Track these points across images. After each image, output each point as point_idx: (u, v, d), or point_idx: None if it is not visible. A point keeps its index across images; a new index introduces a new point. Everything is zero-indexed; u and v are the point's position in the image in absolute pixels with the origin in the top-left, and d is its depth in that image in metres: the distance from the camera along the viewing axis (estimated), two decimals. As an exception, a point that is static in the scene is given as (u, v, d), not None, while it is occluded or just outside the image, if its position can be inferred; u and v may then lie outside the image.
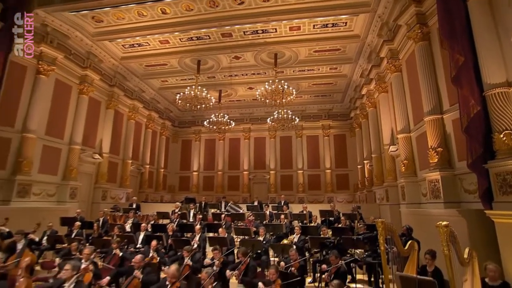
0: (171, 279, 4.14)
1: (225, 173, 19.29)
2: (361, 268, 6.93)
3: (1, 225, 7.42)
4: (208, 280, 4.05)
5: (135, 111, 15.54)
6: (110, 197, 13.43)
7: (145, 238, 7.30)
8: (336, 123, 18.72)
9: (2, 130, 9.53)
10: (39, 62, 10.47)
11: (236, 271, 4.86)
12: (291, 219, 9.22)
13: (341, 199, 17.19)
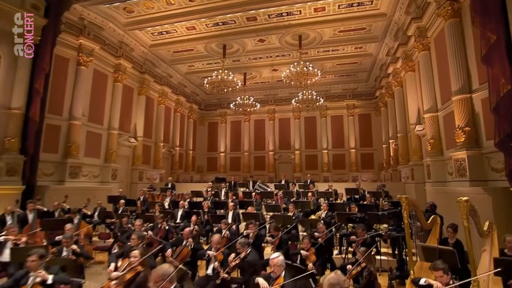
0: (216, 245, 4.78)
1: (251, 154, 19.97)
2: (385, 242, 7.36)
3: (62, 202, 8.45)
4: (243, 249, 4.62)
5: (164, 96, 16.30)
6: (146, 177, 14.52)
7: (184, 214, 8.08)
8: (360, 103, 18.61)
9: (53, 118, 10.53)
10: (79, 54, 11.26)
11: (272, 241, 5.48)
12: (317, 197, 9.71)
13: (366, 178, 17.37)
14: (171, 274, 2.63)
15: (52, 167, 10.48)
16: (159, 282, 2.54)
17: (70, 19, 10.91)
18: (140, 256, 3.58)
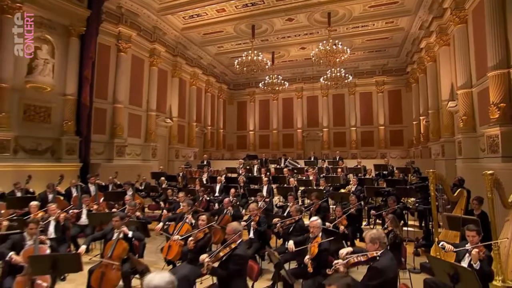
0: (252, 212, 5.45)
1: (280, 132, 20.48)
2: (412, 215, 7.75)
3: (114, 177, 9.54)
4: (296, 213, 5.21)
5: (195, 78, 16.97)
6: (181, 155, 15.56)
7: (222, 188, 8.87)
8: (390, 79, 18.24)
9: (99, 102, 11.55)
10: (118, 41, 12.05)
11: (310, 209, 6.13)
12: (346, 173, 10.13)
13: (395, 155, 17.36)
14: (240, 230, 3.34)
15: (102, 147, 11.64)
16: (231, 235, 3.24)
17: (109, 8, 11.60)
18: (207, 221, 4.32)
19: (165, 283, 1.91)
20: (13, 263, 3.56)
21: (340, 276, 2.10)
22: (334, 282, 1.96)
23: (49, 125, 10.08)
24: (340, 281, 1.97)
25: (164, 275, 2.00)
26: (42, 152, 9.88)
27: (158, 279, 1.90)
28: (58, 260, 3.39)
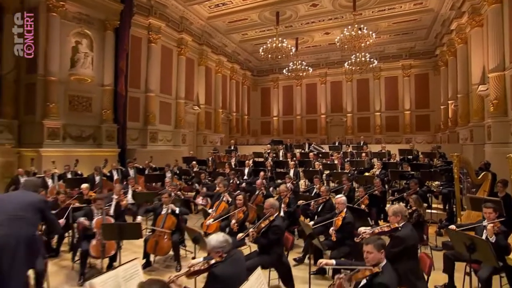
0: (282, 193, 5.92)
1: (303, 117, 20.67)
2: (437, 198, 7.92)
3: (149, 162, 10.32)
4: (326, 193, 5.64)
5: (220, 65, 17.42)
6: (209, 141, 16.27)
7: (251, 171, 9.39)
8: (417, 62, 17.78)
9: (133, 92, 12.31)
10: (149, 32, 12.64)
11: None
12: (371, 157, 10.34)
13: (421, 140, 17.13)
14: (276, 205, 3.83)
15: (136, 133, 12.48)
16: (269, 209, 3.73)
17: (140, 0, 12.14)
18: (243, 199, 4.86)
19: (220, 242, 2.44)
20: (89, 230, 4.27)
21: (376, 238, 2.53)
22: (372, 242, 2.40)
23: (90, 114, 10.97)
24: (377, 242, 2.41)
25: (219, 235, 2.54)
26: (86, 138, 10.82)
27: (215, 239, 2.44)
28: (124, 228, 4.07)
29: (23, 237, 2.83)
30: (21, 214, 2.90)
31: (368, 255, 2.40)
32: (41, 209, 3.06)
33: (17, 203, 2.98)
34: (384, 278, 2.32)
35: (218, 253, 2.38)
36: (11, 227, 2.82)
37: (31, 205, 3.00)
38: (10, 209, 2.92)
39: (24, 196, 3.10)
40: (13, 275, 2.66)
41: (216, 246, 2.38)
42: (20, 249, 2.78)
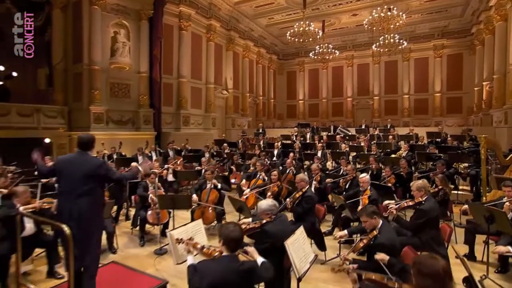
0: (314, 171, 6.37)
1: (329, 100, 20.69)
2: (464, 180, 8.03)
3: (185, 144, 11.07)
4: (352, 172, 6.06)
5: (247, 50, 17.71)
6: (237, 124, 16.88)
7: (280, 153, 9.88)
8: (451, 42, 17.07)
9: (167, 78, 13.00)
10: (180, 20, 13.15)
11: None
12: (398, 140, 10.46)
13: (451, 123, 16.72)
14: (306, 179, 4.31)
15: (170, 117, 13.27)
16: (300, 183, 4.23)
17: (170, -11, 12.59)
18: (278, 175, 5.39)
19: (270, 206, 2.97)
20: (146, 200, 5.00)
21: (368, 207, 3.00)
22: (364, 212, 2.88)
23: (129, 100, 11.82)
24: (368, 211, 2.87)
25: (269, 201, 3.07)
26: (125, 122, 11.73)
27: (265, 203, 2.97)
28: (176, 199, 4.74)
29: (86, 207, 2.80)
30: (81, 188, 2.80)
31: (365, 224, 2.91)
32: (99, 175, 2.90)
33: (75, 176, 2.82)
34: (381, 239, 2.80)
35: (268, 215, 2.91)
36: (72, 201, 2.79)
37: (88, 175, 2.84)
38: (71, 183, 2.84)
39: (80, 165, 2.86)
40: (85, 239, 2.78)
41: (267, 209, 2.91)
42: (86, 217, 2.79)
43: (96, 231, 2.94)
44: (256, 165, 6.62)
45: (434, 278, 1.59)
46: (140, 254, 4.62)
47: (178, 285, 3.55)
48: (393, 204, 3.73)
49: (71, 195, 2.79)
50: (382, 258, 2.57)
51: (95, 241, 2.92)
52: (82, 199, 2.77)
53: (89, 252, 2.81)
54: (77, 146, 3.00)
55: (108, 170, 3.00)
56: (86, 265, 2.81)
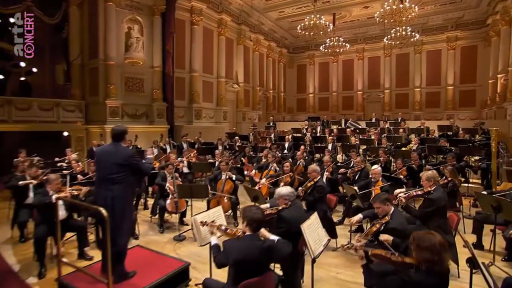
0: (326, 163, 6.54)
1: (339, 94, 20.65)
2: (475, 173, 8.07)
3: (199, 137, 11.35)
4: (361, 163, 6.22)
5: (258, 44, 17.79)
6: (247, 118, 17.07)
7: (291, 146, 10.04)
8: (465, 34, 16.74)
9: (179, 72, 13.24)
10: (192, 15, 13.31)
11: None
12: (408, 133, 10.49)
13: (464, 116, 16.51)
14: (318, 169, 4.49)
15: (183, 111, 13.54)
16: (312, 173, 4.41)
17: (183, -16, 12.75)
18: (290, 166, 5.59)
19: (289, 192, 3.17)
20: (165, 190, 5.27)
21: (381, 194, 3.16)
22: (377, 199, 3.05)
23: (143, 94, 12.13)
24: (381, 197, 3.04)
25: (287, 188, 3.28)
26: (139, 116, 12.05)
27: (285, 189, 3.17)
28: (194, 188, 4.99)
29: (118, 194, 3.04)
30: (113, 175, 3.04)
31: (378, 210, 3.09)
32: (129, 164, 3.10)
33: (108, 164, 3.08)
34: (393, 224, 2.98)
35: (286, 200, 3.12)
36: (107, 188, 3.04)
37: (119, 163, 3.05)
38: (103, 170, 3.12)
39: (112, 154, 3.12)
40: (117, 224, 2.96)
41: (286, 195, 3.12)
42: (118, 203, 3.03)
43: (127, 216, 3.20)
44: (268, 156, 6.83)
45: (432, 251, 1.81)
46: (160, 240, 4.91)
47: (198, 267, 3.81)
48: (402, 193, 3.88)
49: (105, 183, 3.07)
50: (386, 239, 2.78)
51: (126, 226, 3.19)
52: (115, 186, 3.04)
53: (121, 235, 3.07)
54: (111, 138, 3.25)
55: (138, 160, 3.24)
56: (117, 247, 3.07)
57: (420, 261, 1.93)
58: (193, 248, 4.47)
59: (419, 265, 1.95)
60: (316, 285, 3.05)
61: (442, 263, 1.85)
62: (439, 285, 1.86)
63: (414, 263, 2.00)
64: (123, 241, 3.13)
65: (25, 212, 4.66)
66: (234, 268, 2.19)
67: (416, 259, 1.95)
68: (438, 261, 1.84)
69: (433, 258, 1.82)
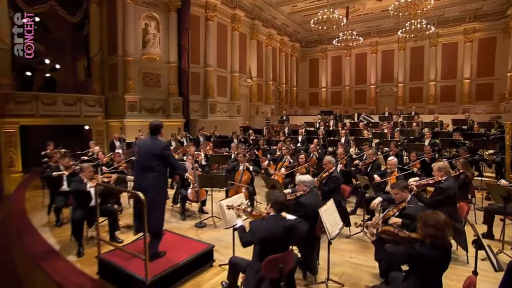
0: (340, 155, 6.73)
1: (352, 88, 20.61)
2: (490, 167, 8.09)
3: (214, 130, 11.67)
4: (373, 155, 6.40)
5: (271, 38, 17.91)
6: (260, 112, 17.31)
7: (304, 139, 10.24)
8: (483, 25, 16.38)
9: (194, 67, 13.54)
10: (206, 11, 13.55)
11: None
12: (422, 127, 10.51)
13: (480, 110, 16.25)
14: (333, 160, 4.71)
15: (197, 105, 13.88)
16: (327, 164, 4.64)
17: (195, -20, 12.97)
18: (305, 158, 5.83)
19: (309, 180, 3.42)
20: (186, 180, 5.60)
21: (400, 182, 3.35)
22: (396, 186, 3.25)
23: (159, 89, 12.50)
24: (400, 185, 3.23)
25: (308, 176, 3.52)
26: (156, 110, 12.44)
27: (306, 177, 3.43)
28: (213, 178, 5.29)
29: (151, 181, 3.38)
30: (148, 164, 3.40)
31: (396, 196, 3.29)
32: (161, 155, 3.43)
33: (144, 154, 3.48)
34: (410, 210, 3.17)
35: (305, 187, 3.38)
36: (143, 176, 3.43)
37: (152, 154, 3.40)
38: (140, 160, 3.57)
39: (148, 146, 3.50)
40: (151, 208, 3.24)
41: (307, 181, 3.38)
42: (152, 190, 3.32)
43: (159, 203, 3.52)
44: (282, 149, 7.07)
45: (436, 227, 2.05)
46: (183, 227, 5.23)
47: (220, 251, 4.11)
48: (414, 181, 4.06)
49: (142, 171, 3.45)
50: (395, 221, 3.00)
51: (160, 211, 3.52)
52: (150, 174, 3.39)
53: (154, 219, 3.39)
54: (149, 131, 3.63)
55: (169, 153, 3.61)
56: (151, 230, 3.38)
57: (425, 236, 2.15)
58: (214, 234, 4.79)
59: (424, 240, 2.18)
60: (331, 268, 3.30)
61: (445, 238, 2.08)
62: (442, 257, 2.08)
63: (419, 238, 2.23)
64: (156, 223, 3.44)
65: (60, 199, 5.07)
66: (260, 245, 2.46)
67: (422, 235, 2.19)
68: (441, 236, 2.06)
69: (436, 234, 2.04)
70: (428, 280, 2.11)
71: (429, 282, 2.11)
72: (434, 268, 2.10)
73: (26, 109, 9.78)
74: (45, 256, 4.00)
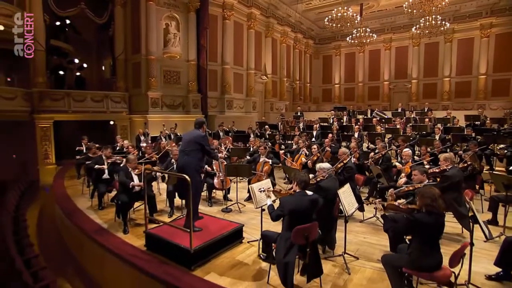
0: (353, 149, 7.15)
1: (365, 84, 20.78)
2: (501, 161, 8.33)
3: (232, 126, 12.22)
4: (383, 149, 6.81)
5: (285, 36, 18.27)
6: (275, 108, 17.76)
7: (319, 134, 10.66)
8: (501, 20, 16.22)
9: (212, 65, 14.08)
10: (223, 10, 14.05)
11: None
12: (434, 123, 10.73)
13: (496, 106, 16.18)
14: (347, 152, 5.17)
15: (215, 102, 14.45)
16: (342, 155, 5.10)
17: (213, -20, 13.47)
18: (317, 147, 6.31)
19: (328, 167, 3.90)
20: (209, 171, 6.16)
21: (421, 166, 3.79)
22: (417, 168, 3.69)
23: (179, 86, 13.13)
24: (421, 169, 3.68)
25: (327, 164, 4.00)
26: (176, 106, 13.08)
27: (325, 164, 3.91)
28: (239, 168, 5.83)
29: (189, 164, 4.01)
30: (188, 148, 4.08)
31: (414, 177, 3.77)
32: (199, 142, 4.08)
33: (186, 140, 4.15)
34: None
35: (324, 173, 3.87)
36: (183, 158, 4.11)
37: (193, 140, 4.08)
38: (182, 146, 4.22)
39: (191, 134, 4.20)
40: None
41: (326, 168, 3.88)
42: (186, 170, 3.88)
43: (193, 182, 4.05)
44: (299, 142, 7.54)
45: (431, 198, 2.58)
46: (210, 212, 5.78)
47: (247, 231, 4.64)
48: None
49: (181, 153, 4.17)
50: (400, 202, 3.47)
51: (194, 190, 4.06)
52: (186, 157, 4.06)
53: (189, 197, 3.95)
54: (194, 126, 4.33)
55: (206, 141, 4.22)
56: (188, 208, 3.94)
57: (422, 205, 2.67)
58: (240, 218, 5.32)
59: (421, 209, 2.70)
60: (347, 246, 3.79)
61: (439, 207, 2.59)
62: (435, 222, 2.59)
63: (417, 208, 2.77)
64: (193, 201, 4.00)
65: (103, 186, 5.72)
66: (289, 217, 2.97)
67: (419, 205, 2.72)
68: (436, 206, 2.58)
69: (432, 204, 2.55)
70: (427, 244, 2.60)
71: (428, 245, 2.60)
72: (430, 232, 2.61)
73: (60, 106, 10.58)
74: (98, 232, 4.63)
